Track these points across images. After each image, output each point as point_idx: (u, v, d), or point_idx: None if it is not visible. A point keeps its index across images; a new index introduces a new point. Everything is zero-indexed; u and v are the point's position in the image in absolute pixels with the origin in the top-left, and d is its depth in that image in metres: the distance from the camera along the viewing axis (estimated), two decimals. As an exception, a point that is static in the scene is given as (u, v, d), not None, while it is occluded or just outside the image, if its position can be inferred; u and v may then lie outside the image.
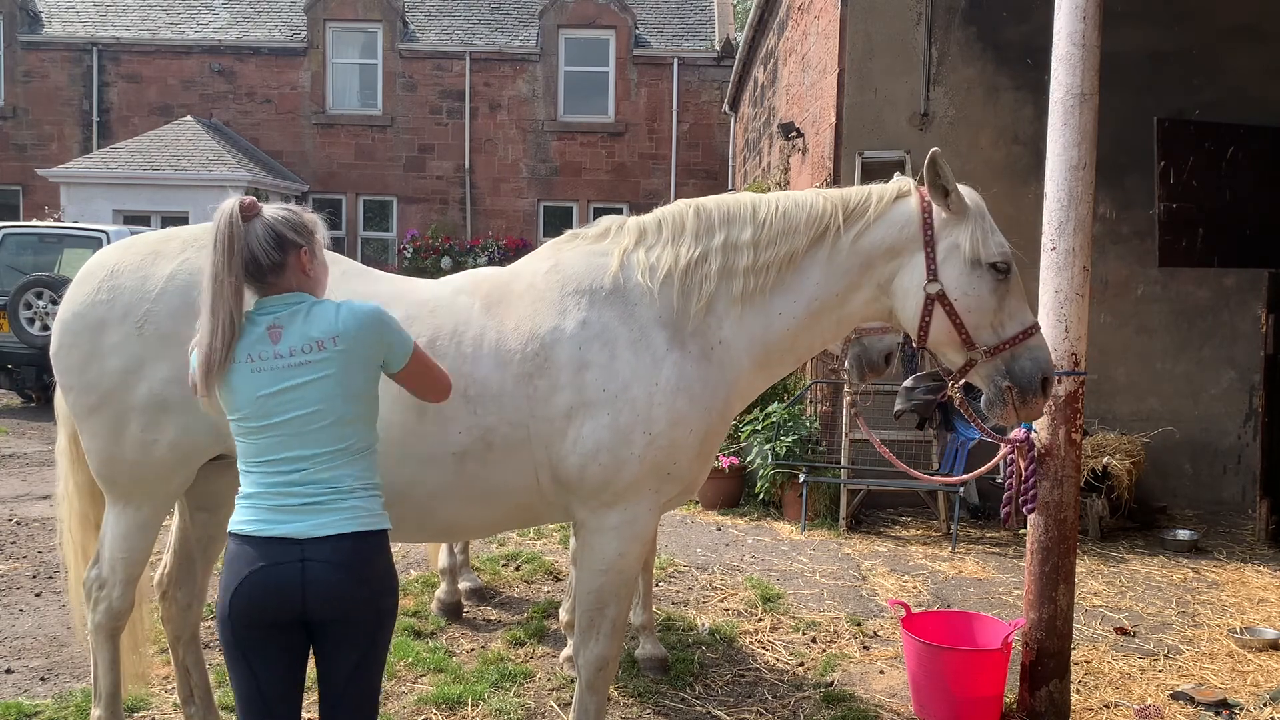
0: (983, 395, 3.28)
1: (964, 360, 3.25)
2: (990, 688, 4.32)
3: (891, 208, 3.28)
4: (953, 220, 3.22)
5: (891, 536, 7.79)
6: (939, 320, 3.20)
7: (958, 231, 3.21)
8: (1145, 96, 8.16)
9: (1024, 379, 3.20)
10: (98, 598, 3.49)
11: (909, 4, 8.52)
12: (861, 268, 3.29)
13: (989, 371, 3.23)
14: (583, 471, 3.16)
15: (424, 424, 3.13)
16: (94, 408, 3.30)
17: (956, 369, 3.28)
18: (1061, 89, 4.31)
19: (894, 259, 3.27)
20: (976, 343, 3.20)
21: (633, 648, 4.96)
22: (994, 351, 3.21)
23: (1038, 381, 3.22)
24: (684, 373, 3.19)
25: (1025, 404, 3.22)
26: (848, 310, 3.36)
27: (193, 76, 21.94)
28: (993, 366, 3.22)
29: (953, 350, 3.26)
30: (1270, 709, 4.53)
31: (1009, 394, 3.20)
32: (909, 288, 3.24)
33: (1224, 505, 8.64)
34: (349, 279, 3.34)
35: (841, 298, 3.32)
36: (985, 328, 3.21)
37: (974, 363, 3.23)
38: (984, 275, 3.18)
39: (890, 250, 3.26)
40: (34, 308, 11.97)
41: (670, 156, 21.79)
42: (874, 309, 3.36)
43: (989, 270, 3.19)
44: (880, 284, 3.30)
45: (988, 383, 3.25)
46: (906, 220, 3.26)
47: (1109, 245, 8.46)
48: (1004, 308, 3.21)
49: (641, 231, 3.35)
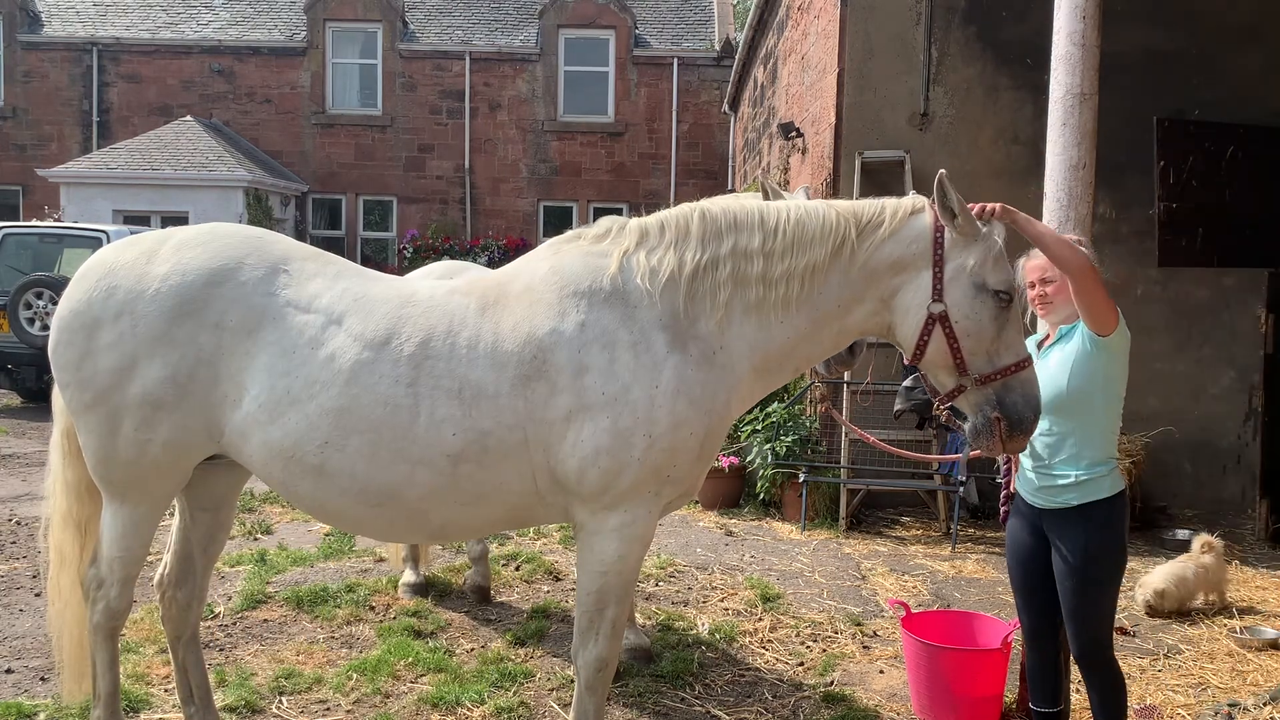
0: (969, 422, 3.27)
1: (954, 384, 3.24)
2: (990, 687, 4.33)
3: (906, 223, 3.26)
4: (962, 242, 3.19)
5: (891, 536, 7.79)
6: (937, 341, 3.19)
7: (966, 254, 3.18)
8: (1145, 96, 8.15)
9: (1015, 413, 3.19)
10: (95, 597, 3.50)
11: (909, 4, 8.52)
12: (867, 281, 3.26)
13: (978, 399, 3.22)
14: (582, 475, 3.15)
15: (416, 426, 3.13)
16: (89, 405, 3.31)
17: (945, 391, 3.29)
18: (1061, 89, 4.31)
19: (899, 274, 3.24)
20: (970, 368, 3.19)
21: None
22: (985, 380, 3.19)
23: (1030, 419, 3.21)
24: (685, 375, 3.18)
25: (1013, 438, 3.21)
26: (848, 322, 3.34)
27: (193, 76, 21.95)
28: (982, 395, 3.21)
29: (944, 372, 3.26)
30: (1270, 708, 4.53)
31: (998, 425, 3.19)
32: (911, 305, 3.23)
33: (1224, 505, 8.64)
34: (343, 278, 3.34)
35: (845, 309, 3.30)
36: (981, 354, 3.19)
37: (963, 388, 3.23)
38: (987, 301, 3.17)
39: (896, 265, 3.24)
40: (34, 308, 11.97)
41: (670, 156, 21.80)
42: (873, 323, 3.34)
43: (993, 297, 3.17)
44: (883, 298, 3.28)
45: (976, 410, 3.23)
46: (917, 237, 3.23)
47: (1109, 245, 8.45)
48: (1002, 337, 3.19)
49: (643, 233, 3.33)
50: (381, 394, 3.13)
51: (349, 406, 3.13)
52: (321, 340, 3.19)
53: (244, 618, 5.45)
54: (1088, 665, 3.55)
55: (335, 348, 3.17)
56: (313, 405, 3.14)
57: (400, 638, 5.11)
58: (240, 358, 3.21)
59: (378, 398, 3.13)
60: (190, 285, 3.24)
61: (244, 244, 3.36)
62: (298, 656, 4.91)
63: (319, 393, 3.15)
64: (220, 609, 5.55)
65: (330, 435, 3.14)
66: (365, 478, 3.17)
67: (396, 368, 3.15)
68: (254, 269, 3.29)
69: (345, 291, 3.28)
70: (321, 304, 3.24)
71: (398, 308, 3.24)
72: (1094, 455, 3.50)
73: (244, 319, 3.22)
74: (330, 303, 3.25)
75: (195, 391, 3.23)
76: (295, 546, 6.84)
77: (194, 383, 3.22)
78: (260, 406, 3.18)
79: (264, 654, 4.95)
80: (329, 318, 3.22)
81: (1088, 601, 3.50)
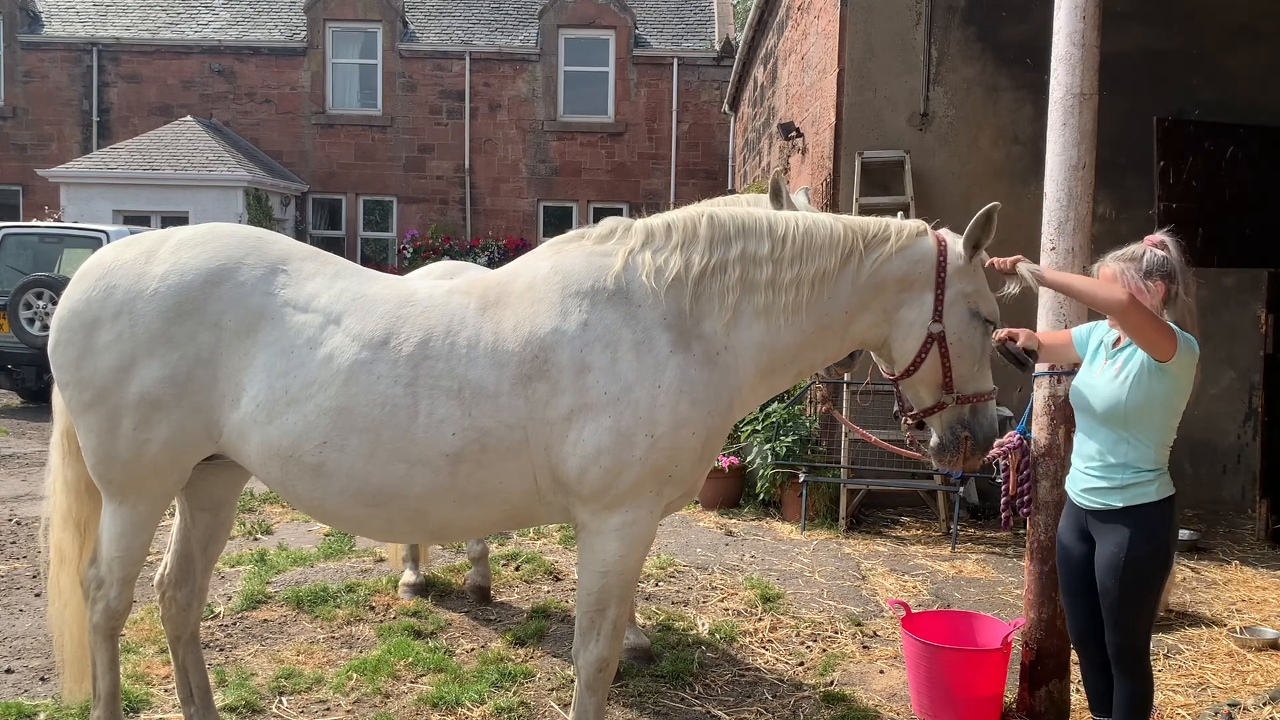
0: (935, 438, 3.49)
1: (935, 401, 3.45)
2: (990, 687, 4.33)
3: (913, 242, 3.41)
4: (965, 270, 3.38)
5: (891, 536, 7.79)
6: (932, 359, 3.38)
7: (966, 281, 3.39)
8: (1145, 96, 8.15)
9: (981, 434, 3.46)
10: (95, 597, 3.50)
11: (909, 4, 8.52)
12: (874, 292, 3.39)
13: (952, 418, 3.45)
14: (583, 474, 3.15)
15: (415, 426, 3.13)
16: (88, 404, 3.31)
17: (923, 408, 3.48)
18: (1061, 89, 4.31)
19: (903, 291, 3.39)
20: (956, 387, 3.40)
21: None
22: (964, 400, 3.43)
23: (991, 440, 3.51)
24: (687, 375, 3.19)
25: (974, 455, 3.49)
26: (852, 330, 3.45)
27: (193, 76, 21.95)
28: (956, 414, 3.44)
29: (930, 389, 3.44)
30: (1270, 708, 4.53)
31: (965, 443, 3.45)
32: (913, 322, 3.38)
33: (1224, 505, 8.64)
34: (341, 278, 3.34)
35: (850, 318, 3.41)
36: (965, 376, 3.42)
37: (944, 405, 3.44)
38: (978, 327, 3.41)
39: (902, 281, 3.38)
40: (34, 308, 11.97)
41: (670, 156, 21.80)
42: (873, 334, 3.47)
43: (982, 324, 3.41)
44: (886, 310, 3.41)
45: (947, 428, 3.46)
46: (922, 258, 3.39)
47: (1109, 245, 8.42)
48: (982, 362, 3.44)
49: (649, 234, 3.35)
50: (380, 394, 3.13)
51: (347, 406, 3.13)
52: (320, 340, 3.19)
53: (244, 618, 5.45)
54: (1121, 669, 3.55)
55: (334, 347, 3.17)
56: (311, 405, 3.14)
57: (400, 638, 5.11)
58: (239, 357, 3.21)
59: (376, 398, 3.13)
60: (189, 285, 3.24)
61: (243, 244, 3.36)
62: (298, 656, 4.91)
63: (317, 393, 3.15)
64: (220, 609, 5.55)
65: (329, 435, 3.14)
66: (364, 477, 3.17)
67: (395, 367, 3.15)
68: (253, 269, 3.29)
69: (344, 291, 3.28)
70: (320, 304, 3.24)
71: (397, 307, 3.24)
72: (1146, 461, 3.50)
73: (243, 319, 3.22)
74: (329, 302, 3.25)
75: (194, 391, 3.23)
76: (295, 546, 6.84)
77: (193, 382, 3.22)
78: (259, 406, 3.18)
79: (264, 654, 4.95)
80: (327, 317, 3.22)
81: (1127, 604, 3.47)
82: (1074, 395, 3.66)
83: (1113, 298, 3.29)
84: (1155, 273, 3.46)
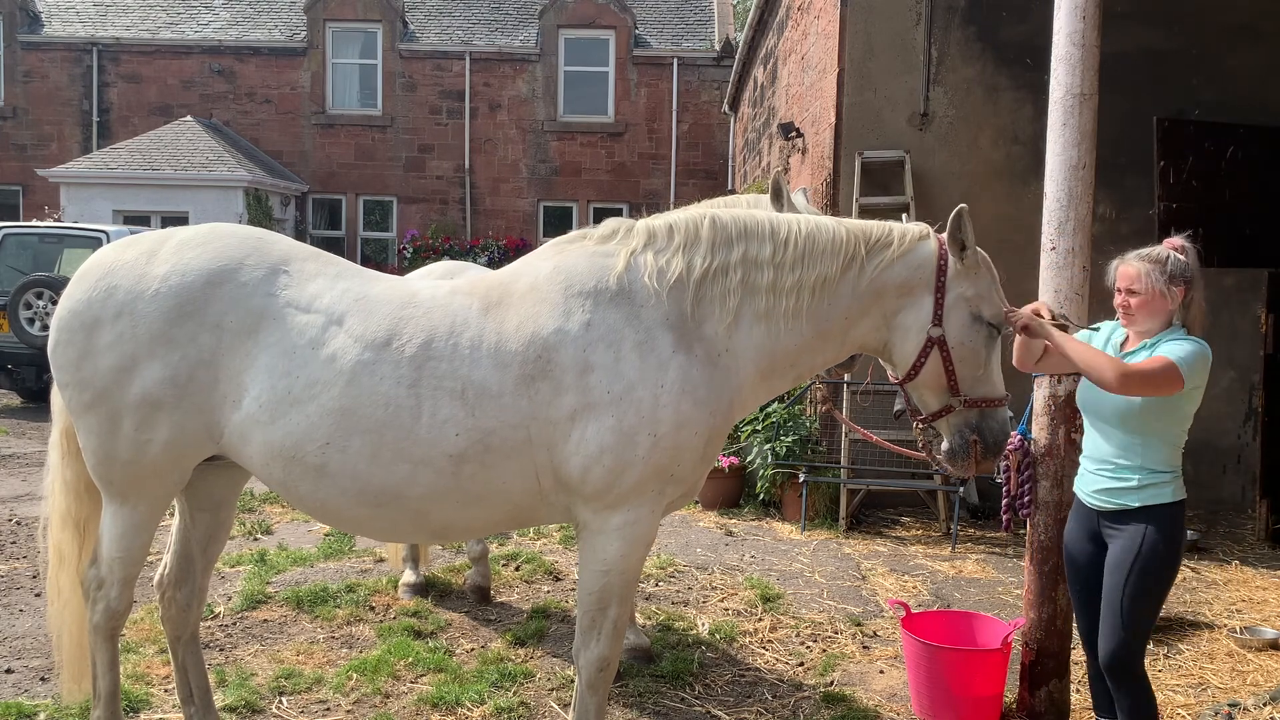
0: (946, 443, 3.46)
1: (941, 405, 3.43)
2: (990, 687, 4.33)
3: (914, 247, 3.39)
4: (964, 273, 3.36)
5: (891, 536, 7.79)
6: (933, 362, 3.36)
7: (966, 284, 3.37)
8: (1145, 96, 8.15)
9: (991, 438, 3.43)
10: (95, 597, 3.50)
11: (909, 4, 8.52)
12: (875, 297, 3.38)
13: (960, 422, 3.43)
14: (586, 474, 3.16)
15: (419, 426, 3.13)
16: (89, 405, 3.31)
17: (930, 412, 3.47)
18: (1061, 89, 4.31)
19: (904, 296, 3.38)
20: (961, 390, 3.38)
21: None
22: (971, 404, 3.40)
23: (1002, 444, 3.48)
24: (689, 375, 3.20)
25: (985, 459, 3.46)
26: (852, 335, 3.45)
27: (193, 76, 21.95)
28: (964, 418, 3.42)
29: (934, 393, 3.43)
30: (1270, 708, 4.53)
31: (974, 447, 3.42)
32: (912, 326, 3.37)
33: (1224, 505, 8.64)
34: (343, 279, 3.34)
35: (851, 323, 3.41)
36: (970, 379, 3.39)
37: (951, 409, 3.42)
38: (980, 331, 3.38)
39: (902, 286, 3.37)
40: (34, 308, 11.97)
41: (670, 156, 21.80)
42: (873, 338, 3.47)
43: (986, 327, 3.37)
44: (886, 315, 3.41)
45: (955, 432, 3.44)
46: (923, 262, 3.38)
47: (1109, 245, 8.42)
48: (989, 366, 3.41)
49: (651, 235, 3.35)
50: (383, 394, 3.14)
51: (350, 407, 3.14)
52: (322, 341, 3.19)
53: (244, 618, 5.45)
54: (1115, 677, 3.47)
55: (336, 348, 3.17)
56: (314, 406, 3.14)
57: (400, 638, 5.11)
58: (240, 358, 3.21)
59: (380, 398, 3.13)
60: (190, 285, 3.24)
61: (244, 244, 3.36)
62: (298, 656, 4.91)
63: (320, 393, 3.15)
64: (220, 609, 5.55)
65: (331, 436, 3.14)
66: (367, 478, 3.17)
67: (398, 368, 3.15)
68: (254, 269, 3.29)
69: (346, 292, 3.28)
70: (322, 304, 3.24)
71: (399, 308, 3.24)
72: (1161, 462, 3.50)
73: (244, 319, 3.22)
74: (331, 303, 3.25)
75: (195, 392, 3.23)
76: (295, 546, 6.84)
77: (194, 383, 3.22)
78: (261, 407, 3.18)
79: (264, 654, 4.95)
80: (330, 318, 3.22)
81: (1127, 604, 3.43)
82: (1085, 397, 3.63)
83: (1104, 377, 3.32)
84: (1179, 278, 3.46)
